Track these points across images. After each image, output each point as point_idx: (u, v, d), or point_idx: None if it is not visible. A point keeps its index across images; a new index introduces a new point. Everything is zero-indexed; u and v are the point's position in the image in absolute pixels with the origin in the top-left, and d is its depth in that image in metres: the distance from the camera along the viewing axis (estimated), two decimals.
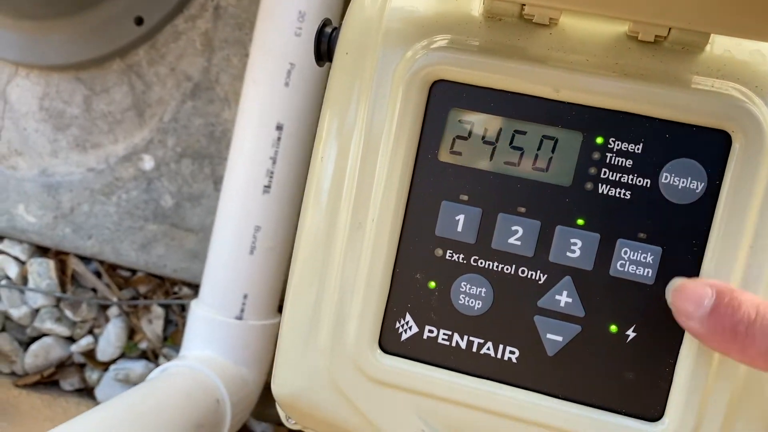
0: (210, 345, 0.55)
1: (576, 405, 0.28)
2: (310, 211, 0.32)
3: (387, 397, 0.29)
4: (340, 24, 0.32)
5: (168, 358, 0.67)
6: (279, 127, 0.54)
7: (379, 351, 0.29)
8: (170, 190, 0.65)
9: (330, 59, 0.33)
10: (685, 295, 0.25)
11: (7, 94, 0.68)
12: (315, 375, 0.30)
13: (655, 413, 0.27)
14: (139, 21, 0.63)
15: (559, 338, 0.28)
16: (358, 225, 0.29)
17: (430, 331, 0.29)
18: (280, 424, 0.64)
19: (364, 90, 0.29)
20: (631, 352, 0.27)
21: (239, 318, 0.56)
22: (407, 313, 0.29)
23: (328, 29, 0.32)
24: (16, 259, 0.69)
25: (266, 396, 0.64)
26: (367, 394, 0.29)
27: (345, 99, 0.30)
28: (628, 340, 0.27)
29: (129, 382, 0.67)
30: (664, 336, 0.27)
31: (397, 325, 0.29)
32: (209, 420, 0.50)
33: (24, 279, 0.69)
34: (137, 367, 0.67)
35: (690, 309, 0.24)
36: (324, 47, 0.32)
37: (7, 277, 0.69)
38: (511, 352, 0.28)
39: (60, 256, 0.69)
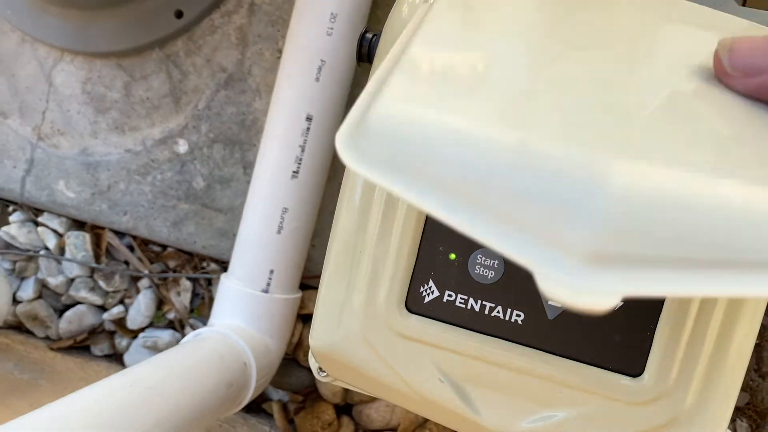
0: (238, 315, 0.61)
1: (571, 361, 0.33)
2: (348, 191, 0.37)
3: (411, 351, 0.34)
4: (372, 28, 0.37)
5: (194, 328, 0.72)
6: (309, 118, 0.59)
7: (405, 311, 0.34)
8: (202, 172, 0.70)
9: (370, 61, 0.38)
10: (741, 52, 0.22)
11: (53, 78, 0.73)
12: (349, 331, 0.35)
13: (637, 370, 0.32)
14: (179, 14, 0.68)
15: (558, 304, 0.33)
16: (391, 203, 0.34)
17: (449, 296, 0.34)
18: (296, 392, 0.70)
19: None
20: (618, 318, 0.32)
21: (265, 291, 0.61)
22: (430, 280, 0.34)
23: (369, 35, 0.37)
24: (55, 231, 0.74)
25: (284, 367, 0.69)
26: (394, 347, 0.35)
27: None
28: (617, 307, 0.32)
29: (156, 350, 0.72)
30: (646, 305, 0.32)
31: (422, 289, 0.34)
32: (238, 381, 0.55)
33: (61, 250, 0.74)
34: (164, 335, 0.72)
35: (759, 62, 0.22)
36: (365, 50, 0.37)
37: (46, 248, 0.74)
38: (517, 315, 0.33)
39: (96, 230, 0.74)
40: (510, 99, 0.22)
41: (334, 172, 0.66)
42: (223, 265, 0.72)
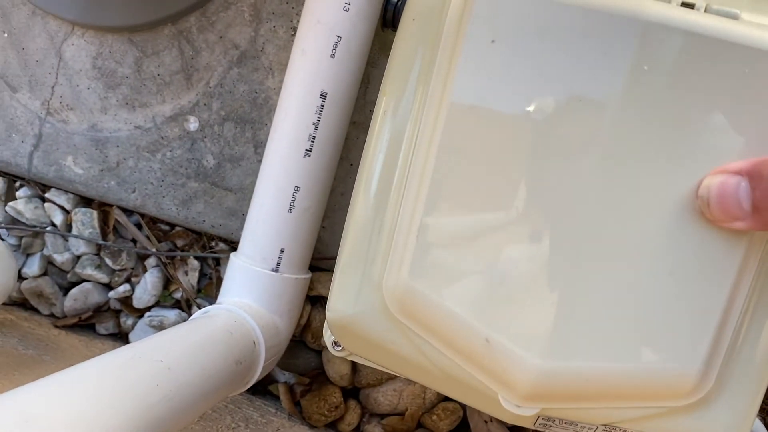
0: (247, 293, 0.60)
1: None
2: (369, 160, 0.36)
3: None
4: None
5: (200, 308, 0.71)
6: (323, 95, 0.58)
7: None
8: (212, 150, 0.69)
9: (394, 27, 0.37)
10: (724, 202, 0.26)
11: (62, 52, 0.72)
12: (369, 302, 0.34)
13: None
14: None
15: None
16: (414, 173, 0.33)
17: None
18: (303, 374, 0.69)
19: (428, 53, 0.33)
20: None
21: (275, 270, 0.60)
22: None
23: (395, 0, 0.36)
24: (62, 207, 0.74)
25: (291, 348, 0.69)
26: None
27: (410, 59, 0.34)
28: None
29: (162, 329, 0.71)
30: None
31: None
32: (247, 359, 0.54)
33: (68, 227, 0.73)
34: (171, 315, 0.71)
35: (734, 212, 0.26)
36: (390, 15, 0.36)
37: (53, 224, 0.73)
38: None
39: (103, 208, 0.73)
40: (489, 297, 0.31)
41: (345, 152, 0.65)
42: (232, 245, 0.71)
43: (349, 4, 0.57)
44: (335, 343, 0.39)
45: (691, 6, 0.30)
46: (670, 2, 0.30)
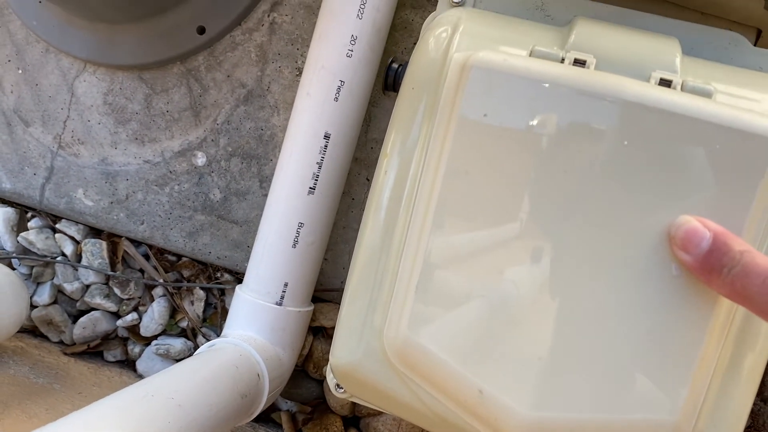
0: (251, 326, 0.62)
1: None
2: (371, 219, 0.38)
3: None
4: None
5: (206, 337, 0.73)
6: (326, 136, 0.61)
7: None
8: (219, 185, 0.71)
9: (395, 90, 0.39)
10: (687, 236, 0.30)
11: (75, 88, 0.75)
12: (370, 350, 0.37)
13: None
14: (202, 30, 0.70)
15: None
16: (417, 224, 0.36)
17: None
18: (305, 403, 0.71)
19: (426, 117, 0.36)
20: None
21: (279, 304, 0.62)
22: None
23: (396, 65, 0.39)
24: (72, 238, 0.76)
25: (294, 378, 0.71)
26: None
27: (408, 124, 0.36)
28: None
29: (168, 357, 0.73)
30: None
31: None
32: (251, 392, 0.56)
33: (78, 257, 0.76)
34: (177, 343, 0.73)
35: (689, 247, 0.30)
36: (391, 80, 0.39)
37: (63, 254, 0.76)
38: None
39: (112, 239, 0.76)
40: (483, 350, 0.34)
41: (347, 188, 0.68)
42: (237, 276, 0.74)
43: (352, 51, 0.60)
44: (338, 386, 0.41)
45: (668, 83, 0.32)
46: (649, 80, 0.32)
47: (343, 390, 0.40)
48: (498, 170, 0.32)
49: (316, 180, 0.61)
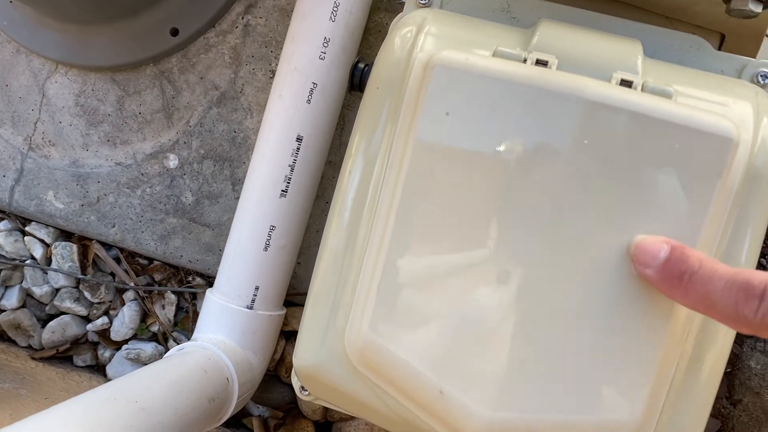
0: (221, 329, 0.61)
1: None
2: (335, 220, 0.38)
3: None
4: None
5: (177, 341, 0.72)
6: (299, 139, 0.60)
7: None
8: (191, 187, 0.71)
9: (361, 90, 0.39)
10: (645, 249, 0.30)
11: (46, 89, 0.74)
12: (333, 352, 0.36)
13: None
14: (175, 32, 0.70)
15: None
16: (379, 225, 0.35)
17: None
18: (276, 408, 0.70)
19: (390, 118, 0.36)
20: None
21: (250, 308, 0.62)
22: None
23: (362, 65, 0.39)
24: (42, 241, 0.75)
25: (265, 382, 0.70)
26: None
27: (372, 124, 0.36)
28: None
29: (139, 362, 0.72)
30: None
31: None
32: (220, 396, 0.55)
33: (48, 260, 0.75)
34: (148, 347, 0.73)
35: (648, 260, 0.30)
36: (357, 80, 0.39)
37: (33, 258, 0.75)
38: None
39: (83, 242, 0.75)
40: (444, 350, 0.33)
41: (321, 191, 0.67)
42: (209, 280, 0.73)
43: (324, 53, 0.59)
44: (302, 388, 0.40)
45: (629, 84, 0.32)
46: (610, 81, 0.32)
47: (308, 392, 0.40)
48: (458, 170, 0.32)
49: (289, 183, 0.61)
